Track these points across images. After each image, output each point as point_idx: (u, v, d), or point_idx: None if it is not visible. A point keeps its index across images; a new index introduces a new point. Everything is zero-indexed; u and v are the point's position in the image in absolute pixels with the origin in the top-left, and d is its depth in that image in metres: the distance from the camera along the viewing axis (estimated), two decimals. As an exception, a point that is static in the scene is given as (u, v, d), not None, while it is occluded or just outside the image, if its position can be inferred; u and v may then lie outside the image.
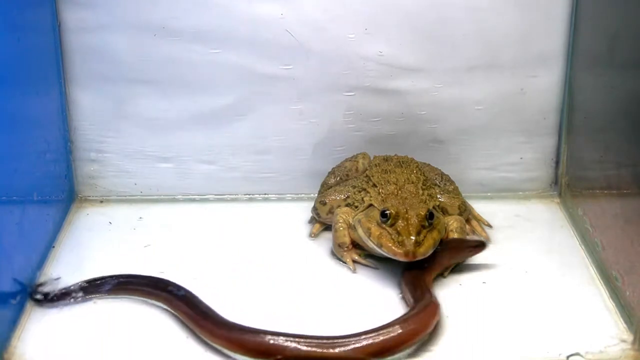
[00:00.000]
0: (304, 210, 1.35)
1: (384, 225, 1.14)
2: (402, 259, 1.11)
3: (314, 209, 1.30)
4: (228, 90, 1.33)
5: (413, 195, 1.19)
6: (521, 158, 1.39)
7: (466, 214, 1.28)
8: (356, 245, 1.22)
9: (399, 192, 1.20)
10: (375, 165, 1.29)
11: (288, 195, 1.40)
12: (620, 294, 1.12)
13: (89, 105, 1.34)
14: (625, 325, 1.08)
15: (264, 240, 1.29)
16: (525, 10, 1.29)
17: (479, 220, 1.32)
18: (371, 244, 1.16)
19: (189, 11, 1.28)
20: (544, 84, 1.34)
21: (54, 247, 1.24)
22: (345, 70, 1.33)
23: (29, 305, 1.11)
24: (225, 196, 1.40)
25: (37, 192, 1.21)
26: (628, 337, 1.07)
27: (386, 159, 1.31)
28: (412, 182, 1.22)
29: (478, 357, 1.04)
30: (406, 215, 1.13)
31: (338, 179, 1.33)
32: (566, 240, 1.29)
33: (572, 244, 1.27)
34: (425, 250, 1.12)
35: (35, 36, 1.23)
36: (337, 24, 1.30)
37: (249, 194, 1.40)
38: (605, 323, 1.09)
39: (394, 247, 1.12)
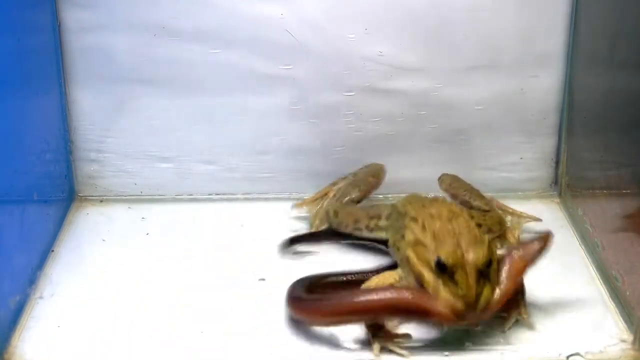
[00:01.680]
0: (303, 210, 1.35)
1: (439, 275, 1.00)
2: (458, 317, 0.99)
3: (327, 214, 1.27)
4: (228, 90, 1.33)
5: (466, 229, 1.04)
6: (521, 158, 1.39)
7: (504, 229, 1.23)
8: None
9: (450, 226, 1.04)
10: (409, 203, 1.15)
11: (288, 195, 1.40)
12: (620, 294, 1.12)
13: (89, 105, 1.34)
14: (625, 325, 1.08)
15: (264, 240, 1.28)
16: (525, 10, 1.29)
17: (521, 216, 1.30)
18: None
19: (189, 11, 1.28)
20: (544, 84, 1.34)
21: (53, 251, 1.24)
22: (345, 70, 1.33)
23: (29, 305, 1.12)
24: (225, 196, 1.40)
25: (37, 192, 1.21)
26: (628, 337, 1.07)
27: (418, 197, 1.18)
28: (458, 214, 1.07)
29: (478, 357, 1.04)
30: (463, 262, 0.99)
31: (360, 193, 1.30)
32: (566, 240, 1.29)
33: (572, 244, 1.27)
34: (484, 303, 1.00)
35: (35, 36, 1.23)
36: (337, 24, 1.30)
37: (249, 194, 1.40)
38: (605, 323, 1.09)
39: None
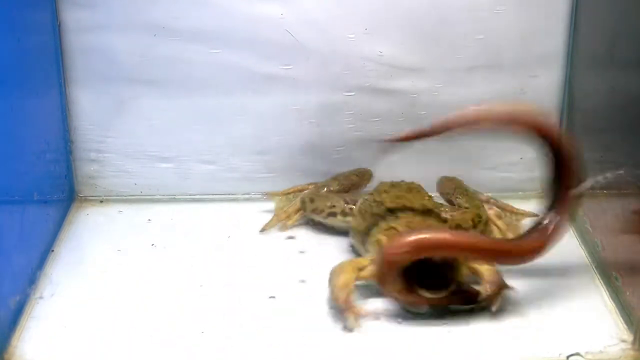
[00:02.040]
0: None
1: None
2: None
3: (302, 202, 1.30)
4: (228, 90, 1.33)
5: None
6: (521, 158, 1.39)
7: (480, 227, 1.24)
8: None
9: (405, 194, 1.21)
10: (384, 192, 1.24)
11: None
12: (620, 294, 1.12)
13: (89, 105, 1.34)
14: (625, 325, 1.09)
15: (264, 240, 1.29)
16: (525, 10, 1.29)
17: (516, 212, 1.31)
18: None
19: (189, 11, 1.28)
20: (544, 84, 1.34)
21: (53, 251, 1.24)
22: (345, 70, 1.33)
23: (29, 305, 1.11)
24: (225, 196, 1.40)
25: (37, 192, 1.21)
26: (628, 337, 1.07)
27: (394, 185, 1.26)
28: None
29: (478, 357, 1.04)
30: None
31: (339, 187, 1.32)
32: (566, 240, 1.28)
33: (572, 244, 1.27)
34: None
35: (35, 36, 1.23)
36: (337, 24, 1.30)
37: (249, 194, 1.40)
38: (605, 323, 1.09)
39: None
